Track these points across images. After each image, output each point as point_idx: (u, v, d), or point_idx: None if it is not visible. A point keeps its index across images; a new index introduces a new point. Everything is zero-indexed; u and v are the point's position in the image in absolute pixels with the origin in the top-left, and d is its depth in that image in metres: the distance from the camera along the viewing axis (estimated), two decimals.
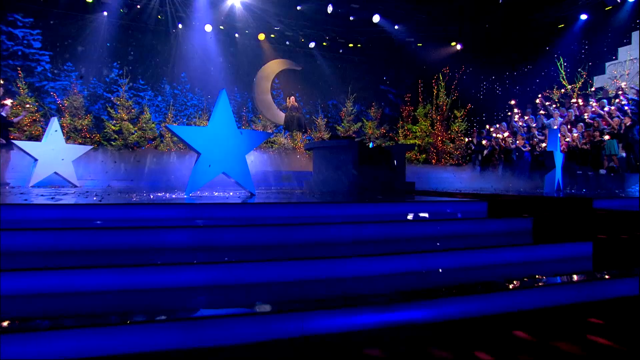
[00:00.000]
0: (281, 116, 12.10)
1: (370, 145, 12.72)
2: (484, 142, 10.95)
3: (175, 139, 12.16)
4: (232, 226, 2.73)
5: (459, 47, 14.34)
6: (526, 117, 10.92)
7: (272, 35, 14.13)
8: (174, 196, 4.16)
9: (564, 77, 11.56)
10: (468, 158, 12.78)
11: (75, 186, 6.33)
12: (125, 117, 11.64)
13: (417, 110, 14.40)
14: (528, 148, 9.77)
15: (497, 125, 11.70)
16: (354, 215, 3.46)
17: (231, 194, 5.00)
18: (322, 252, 2.53)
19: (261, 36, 13.86)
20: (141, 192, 5.09)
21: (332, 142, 6.98)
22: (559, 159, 6.52)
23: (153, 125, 12.12)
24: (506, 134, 10.24)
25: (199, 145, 4.40)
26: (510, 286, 2.29)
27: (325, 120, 14.02)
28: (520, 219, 3.52)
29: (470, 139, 11.92)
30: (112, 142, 11.39)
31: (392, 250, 2.62)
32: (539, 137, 9.84)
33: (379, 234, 2.98)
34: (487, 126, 11.48)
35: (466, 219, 3.45)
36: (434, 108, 14.08)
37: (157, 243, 2.52)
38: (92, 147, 6.84)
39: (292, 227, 2.81)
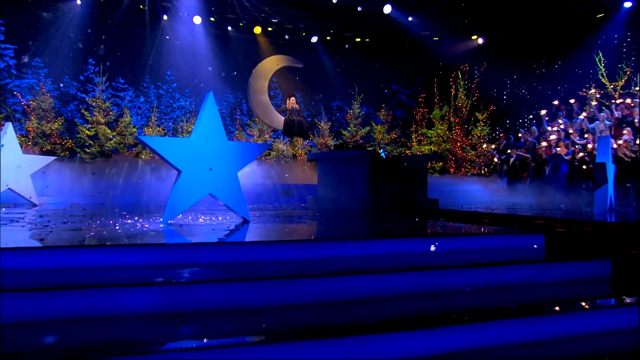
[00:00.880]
0: (280, 120, 11.66)
1: (381, 153, 12.33)
2: (509, 150, 10.41)
3: None
4: (213, 281, 2.16)
5: (480, 41, 13.97)
6: (560, 121, 10.38)
7: (270, 29, 13.82)
8: (146, 226, 3.59)
9: (604, 74, 11.07)
10: (492, 167, 12.26)
11: (35, 205, 5.77)
12: (102, 121, 11.22)
13: (433, 113, 14.09)
14: (569, 157, 9.22)
15: (525, 130, 11.16)
16: (372, 256, 2.90)
17: (220, 218, 4.45)
18: (333, 314, 1.96)
19: (257, 29, 13.54)
20: (109, 216, 4.52)
21: (340, 153, 6.49)
22: (611, 171, 5.97)
23: (134, 129, 11.75)
24: (545, 143, 9.67)
25: (179, 161, 3.84)
26: None
27: (329, 124, 13.75)
28: (593, 262, 2.93)
29: (495, 145, 11.39)
30: (87, 149, 10.94)
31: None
32: (580, 143, 9.30)
33: (404, 287, 2.42)
34: (521, 133, 10.89)
35: (517, 263, 2.86)
36: (451, 110, 13.75)
37: (107, 307, 1.94)
38: (54, 158, 6.28)
39: (294, 280, 2.23)
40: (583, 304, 2.38)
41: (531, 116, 13.07)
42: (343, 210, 6.01)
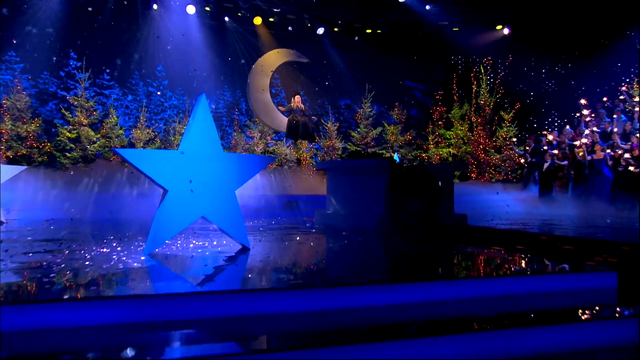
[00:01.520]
0: (283, 120, 11.28)
1: (395, 157, 11.95)
2: (546, 154, 9.92)
3: (150, 148, 11.39)
4: None
5: (506, 31, 13.59)
6: (599, 120, 9.89)
7: (271, 19, 13.47)
8: (123, 259, 3.14)
9: None
10: (520, 173, 11.81)
11: (1, 223, 5.35)
12: (85, 122, 10.85)
13: (452, 112, 13.76)
14: (610, 162, 8.75)
15: (558, 131, 10.68)
16: (408, 305, 2.45)
17: (215, 243, 4.02)
18: None
19: (257, 20, 13.21)
20: (83, 241, 4.09)
21: (353, 163, 6.08)
22: None
23: (121, 131, 11.40)
24: (579, 142, 9.21)
25: (164, 178, 3.41)
26: None
27: (337, 124, 13.39)
28: None
29: (526, 148, 10.93)
30: (67, 154, 10.56)
31: None
32: (624, 146, 8.81)
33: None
34: (553, 134, 10.41)
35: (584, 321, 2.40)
36: (472, 109, 13.38)
37: None
38: (25, 167, 5.87)
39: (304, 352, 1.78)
40: None
41: (565, 115, 12.59)
42: (356, 230, 5.58)
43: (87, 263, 2.95)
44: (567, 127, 10.13)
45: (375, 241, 4.67)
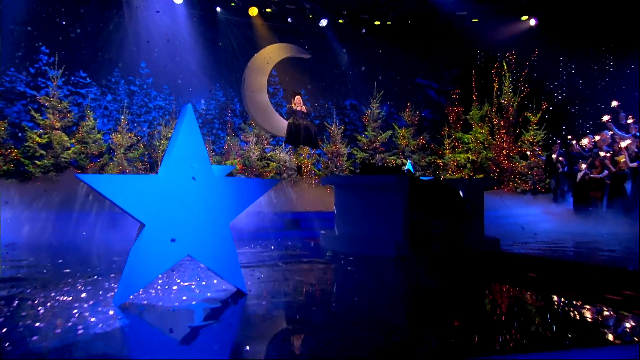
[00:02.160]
0: (281, 124, 10.93)
1: (408, 165, 11.66)
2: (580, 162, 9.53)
3: (132, 154, 11.05)
4: None
5: (532, 22, 13.38)
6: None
7: (268, 10, 13.25)
8: (87, 309, 2.69)
9: None
10: (548, 182, 11.45)
11: None
12: (58, 125, 10.53)
13: (470, 113, 13.57)
14: None
15: (594, 136, 10.26)
16: None
17: (204, 283, 3.58)
18: None
19: (253, 11, 12.98)
20: (41, 283, 3.63)
21: (366, 179, 5.70)
22: None
23: (99, 135, 11.13)
24: (618, 147, 8.80)
25: (140, 209, 2.97)
26: None
27: (342, 127, 13.28)
28: None
29: (552, 155, 10.55)
30: (37, 161, 10.23)
31: None
32: None
33: None
34: (587, 139, 10.01)
35: None
36: (494, 109, 13.15)
37: None
38: None
39: None
40: None
41: (600, 116, 12.18)
42: (370, 258, 5.15)
43: (37, 324, 2.49)
44: (606, 131, 9.69)
45: (396, 276, 4.22)
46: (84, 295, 3.19)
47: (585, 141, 10.29)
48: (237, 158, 12.03)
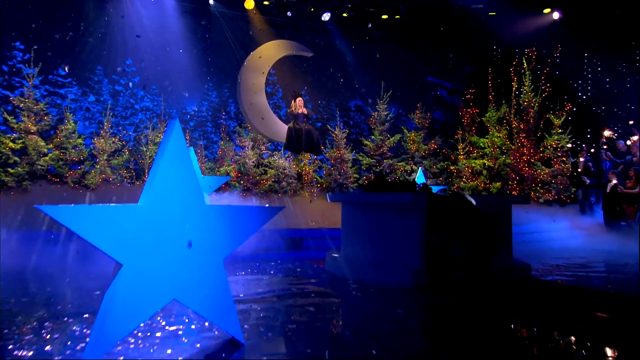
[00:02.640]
0: (281, 128, 10.66)
1: (419, 174, 11.42)
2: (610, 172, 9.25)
3: (117, 161, 10.80)
4: None
5: (556, 15, 13.13)
6: None
7: (266, 2, 13.02)
8: None
9: None
10: (575, 192, 11.18)
11: None
12: (34, 129, 10.18)
13: (487, 115, 13.31)
14: None
15: (624, 142, 9.98)
16: None
17: (192, 327, 3.25)
18: None
19: (249, 4, 12.71)
20: (1, 322, 3.30)
21: (378, 197, 5.40)
22: None
23: (79, 140, 10.80)
24: None
25: (116, 247, 2.64)
26: None
27: (346, 131, 13.04)
28: None
29: (581, 161, 10.27)
30: (10, 169, 9.87)
31: None
32: None
33: None
34: (619, 145, 9.72)
35: None
36: (512, 111, 12.90)
37: None
38: None
39: None
40: None
41: (632, 119, 12.10)
42: (383, 285, 4.85)
43: None
44: (638, 136, 9.41)
45: (417, 314, 3.89)
46: (48, 348, 2.85)
47: (613, 147, 10.00)
48: (232, 164, 11.79)
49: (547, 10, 13.25)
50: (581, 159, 10.96)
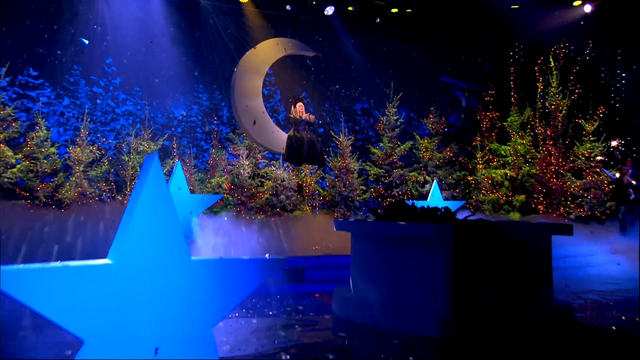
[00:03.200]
0: (280, 137, 10.37)
1: (434, 189, 11.21)
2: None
3: (95, 172, 10.83)
4: None
5: (587, 8, 12.95)
6: None
7: None
8: None
9: None
10: (612, 208, 11.14)
11: None
12: (0, 136, 9.98)
13: (508, 119, 13.24)
14: None
15: None
16: None
17: None
18: None
19: None
20: None
21: (394, 228, 5.08)
22: None
23: (53, 149, 10.58)
24: None
25: (76, 319, 2.27)
26: None
27: (352, 137, 12.88)
28: None
29: (625, 174, 10.02)
30: None
31: None
32: None
33: None
34: None
35: None
36: (538, 115, 12.81)
37: None
38: None
39: None
40: None
41: None
42: (401, 332, 4.52)
43: None
44: None
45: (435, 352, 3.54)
46: None
47: None
48: (225, 175, 11.61)
49: (577, 3, 13.11)
50: (625, 170, 10.68)
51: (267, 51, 10.21)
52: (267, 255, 2.89)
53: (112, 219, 8.83)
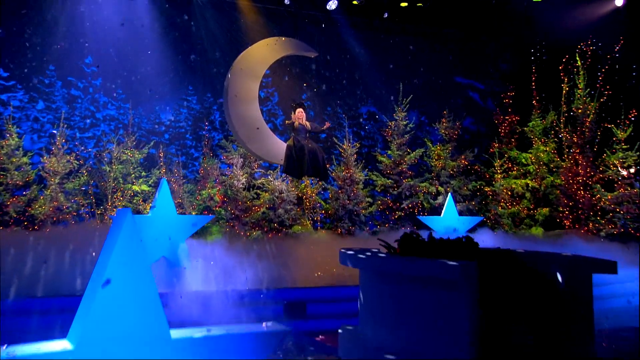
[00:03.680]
0: (278, 147, 10.20)
1: (449, 203, 11.09)
2: None
3: (72, 184, 10.76)
4: None
5: (619, 1, 12.88)
6: None
7: None
8: None
9: None
10: None
11: None
12: None
13: (530, 124, 13.32)
14: None
15: None
16: None
17: None
18: None
19: None
20: None
21: (412, 266, 4.89)
22: None
23: (25, 159, 10.57)
24: None
25: None
26: None
27: (357, 144, 12.86)
28: None
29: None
30: None
31: None
32: None
33: None
34: None
35: None
36: (563, 119, 12.82)
37: None
38: None
39: None
40: None
41: None
42: None
43: None
44: None
45: None
46: None
47: None
48: (217, 186, 11.49)
49: None
50: None
51: (264, 52, 10.02)
52: (264, 325, 2.60)
53: (90, 240, 8.59)
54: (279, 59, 10.54)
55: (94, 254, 7.51)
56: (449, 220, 10.84)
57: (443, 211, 11.04)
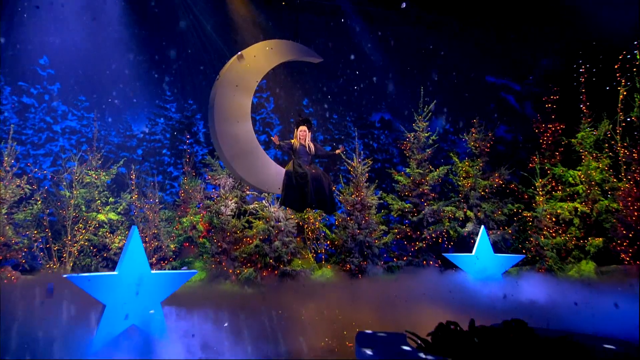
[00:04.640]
0: (275, 173, 9.86)
1: (482, 237, 10.71)
2: None
3: (23, 214, 10.58)
4: None
5: None
6: None
7: None
8: None
9: None
10: None
11: None
12: None
13: (578, 135, 13.07)
14: None
15: None
16: None
17: None
18: None
19: None
20: None
21: None
22: None
23: None
24: None
25: None
26: None
27: (369, 161, 12.59)
28: None
29: None
30: None
31: None
32: None
33: None
34: None
35: None
36: (619, 130, 12.49)
37: None
38: None
39: None
40: None
41: None
42: None
43: None
44: None
45: None
46: None
47: None
48: (201, 212, 11.34)
49: None
50: None
51: (258, 59, 9.65)
52: None
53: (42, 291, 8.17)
54: (278, 65, 10.25)
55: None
56: (482, 260, 10.45)
57: (475, 248, 10.62)
